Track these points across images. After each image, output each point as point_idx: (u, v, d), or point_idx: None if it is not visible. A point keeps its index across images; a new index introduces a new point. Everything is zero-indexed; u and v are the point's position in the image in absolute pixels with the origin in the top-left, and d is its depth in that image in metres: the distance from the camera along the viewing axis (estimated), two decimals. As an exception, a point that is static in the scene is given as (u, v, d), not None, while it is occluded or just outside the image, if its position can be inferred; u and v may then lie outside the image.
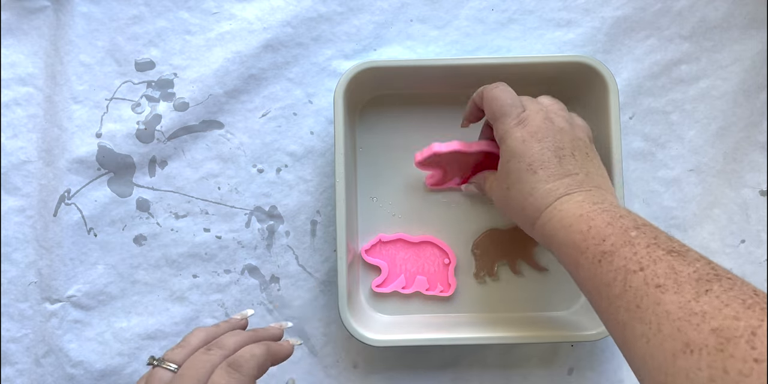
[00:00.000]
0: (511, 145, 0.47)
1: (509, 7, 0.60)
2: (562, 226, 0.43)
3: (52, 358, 0.58)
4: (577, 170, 0.46)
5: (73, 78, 0.59)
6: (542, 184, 0.45)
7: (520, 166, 0.46)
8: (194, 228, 0.59)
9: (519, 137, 0.47)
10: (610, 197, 0.45)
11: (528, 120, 0.47)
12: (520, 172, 0.46)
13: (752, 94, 0.60)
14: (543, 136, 0.47)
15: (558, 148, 0.46)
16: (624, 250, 0.38)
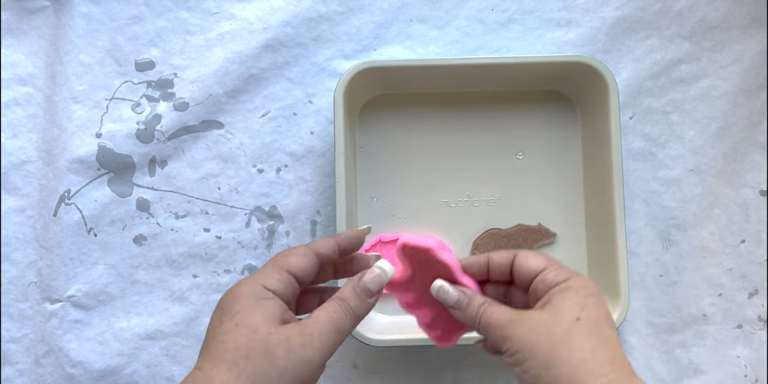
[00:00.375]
0: (588, 287, 0.40)
1: (509, 7, 0.60)
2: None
3: (52, 358, 0.58)
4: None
5: (73, 78, 0.59)
6: (606, 346, 0.38)
7: (600, 309, 0.39)
8: (194, 228, 0.59)
9: (590, 284, 0.40)
10: None
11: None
12: (599, 312, 0.39)
13: (752, 94, 0.60)
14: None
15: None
16: None
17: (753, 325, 0.59)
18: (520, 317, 0.38)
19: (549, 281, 0.39)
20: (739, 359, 0.58)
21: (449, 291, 0.41)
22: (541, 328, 0.37)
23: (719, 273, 0.59)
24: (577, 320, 0.37)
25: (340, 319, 0.39)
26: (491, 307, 0.40)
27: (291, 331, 0.38)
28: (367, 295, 0.40)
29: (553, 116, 0.60)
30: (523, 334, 0.37)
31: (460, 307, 0.41)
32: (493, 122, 0.60)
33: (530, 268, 0.41)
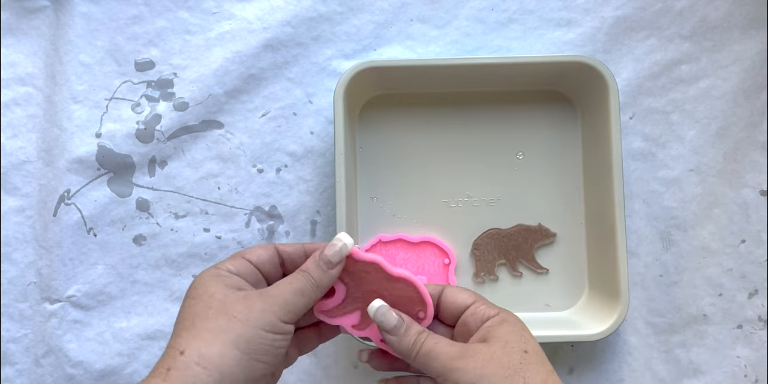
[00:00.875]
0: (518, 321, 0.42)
1: (509, 6, 0.60)
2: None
3: (52, 359, 0.58)
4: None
5: (73, 78, 0.59)
6: (553, 376, 0.40)
7: (536, 344, 0.41)
8: (194, 228, 0.59)
9: (520, 320, 0.42)
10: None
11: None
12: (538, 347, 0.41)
13: (752, 94, 0.59)
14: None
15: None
16: None
17: (753, 325, 0.59)
18: (469, 350, 0.39)
19: (481, 315, 0.41)
20: (739, 359, 0.58)
21: (387, 313, 0.40)
22: (494, 362, 0.38)
23: (719, 273, 0.59)
24: (525, 353, 0.39)
25: (301, 286, 0.39)
26: (432, 337, 0.40)
27: (250, 292, 0.38)
28: (328, 266, 0.40)
29: (553, 116, 0.60)
30: (477, 367, 0.38)
31: (397, 332, 0.40)
32: (493, 122, 0.59)
33: (458, 303, 0.42)
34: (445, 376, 0.38)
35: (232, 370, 0.35)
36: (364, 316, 0.43)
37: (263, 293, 0.38)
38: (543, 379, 0.38)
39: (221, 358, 0.35)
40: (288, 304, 0.38)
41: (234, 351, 0.36)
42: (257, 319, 0.37)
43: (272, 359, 0.37)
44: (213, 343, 0.36)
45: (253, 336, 0.36)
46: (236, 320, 0.36)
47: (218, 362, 0.35)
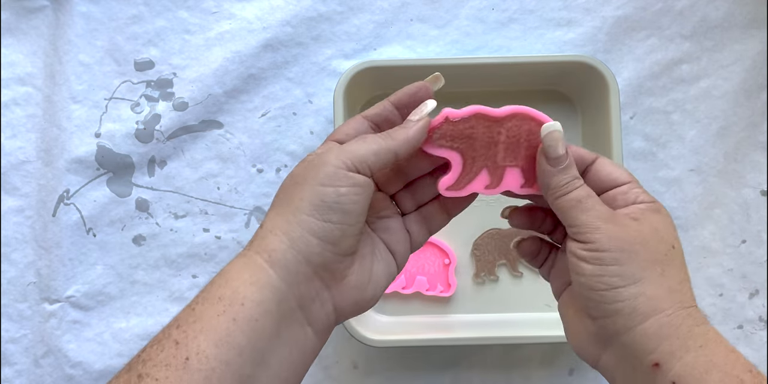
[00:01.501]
0: (669, 214, 0.37)
1: (510, 6, 0.60)
2: (724, 345, 0.34)
3: (51, 359, 0.57)
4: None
5: (72, 78, 0.59)
6: (688, 282, 0.36)
7: (680, 245, 0.37)
8: (194, 228, 0.59)
9: (672, 219, 0.38)
10: None
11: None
12: (681, 248, 0.37)
13: (753, 93, 0.59)
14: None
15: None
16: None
17: (754, 325, 0.58)
18: (620, 218, 0.35)
19: (634, 197, 0.37)
20: (739, 360, 0.58)
21: (559, 139, 0.36)
22: (640, 240, 0.34)
23: (720, 273, 0.59)
24: (672, 248, 0.35)
25: (375, 138, 0.36)
26: (587, 187, 0.36)
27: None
28: (410, 124, 0.37)
29: (553, 116, 0.58)
30: (622, 237, 0.34)
31: (559, 164, 0.36)
32: (494, 122, 0.59)
33: (614, 176, 0.37)
34: (585, 231, 0.35)
35: (299, 233, 0.34)
36: (493, 174, 0.39)
37: (322, 154, 0.36)
38: (680, 279, 0.35)
39: (288, 224, 0.34)
40: (348, 151, 0.35)
41: (299, 215, 0.34)
42: (314, 176, 0.35)
43: (342, 217, 0.34)
44: (282, 213, 0.35)
45: (313, 195, 0.34)
46: (298, 185, 0.35)
47: (286, 228, 0.34)
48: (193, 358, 0.31)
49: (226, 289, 0.33)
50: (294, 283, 0.34)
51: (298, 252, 0.34)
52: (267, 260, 0.34)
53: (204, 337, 0.32)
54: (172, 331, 0.32)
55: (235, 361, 0.32)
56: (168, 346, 0.32)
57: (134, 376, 0.31)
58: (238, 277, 0.34)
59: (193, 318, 0.33)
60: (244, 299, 0.33)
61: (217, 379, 0.31)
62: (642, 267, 0.34)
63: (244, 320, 0.32)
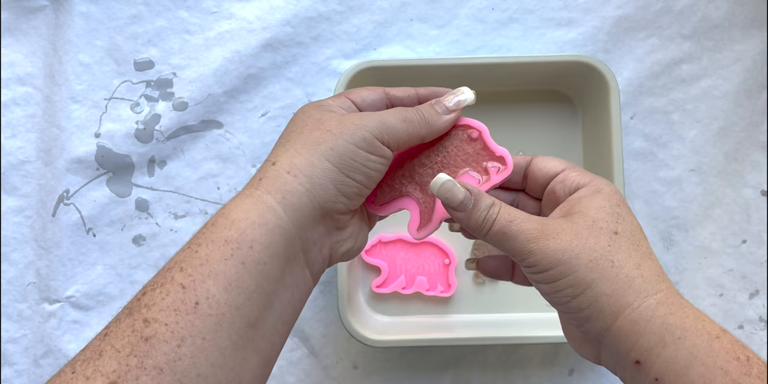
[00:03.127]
0: (618, 193, 0.36)
1: (510, 6, 0.60)
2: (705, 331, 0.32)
3: (51, 359, 0.57)
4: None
5: (72, 77, 0.59)
6: (649, 261, 0.34)
7: (633, 220, 0.35)
8: (193, 228, 0.59)
9: (616, 191, 0.37)
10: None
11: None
12: (633, 225, 0.35)
13: (753, 93, 0.59)
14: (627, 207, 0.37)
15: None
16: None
17: (754, 325, 0.58)
18: (548, 228, 0.34)
19: (570, 183, 0.37)
20: (740, 360, 0.58)
21: (453, 188, 0.35)
22: (576, 243, 0.33)
23: (720, 273, 0.59)
24: (615, 234, 0.34)
25: (408, 114, 0.37)
26: (506, 211, 0.35)
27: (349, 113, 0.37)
28: (442, 110, 0.37)
29: (553, 116, 0.59)
30: (556, 249, 0.33)
31: (465, 208, 0.35)
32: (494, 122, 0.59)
33: (547, 169, 0.37)
34: (522, 257, 0.34)
35: (321, 180, 0.34)
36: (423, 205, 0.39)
37: (363, 113, 0.37)
38: (636, 263, 0.33)
39: (312, 167, 0.34)
40: (387, 125, 0.36)
41: (324, 162, 0.34)
42: (351, 134, 0.35)
43: (364, 179, 0.35)
44: (303, 154, 0.35)
45: (345, 150, 0.35)
46: (329, 133, 0.35)
47: (309, 171, 0.34)
48: (203, 303, 0.31)
49: (233, 231, 0.32)
50: (303, 226, 0.34)
51: (314, 197, 0.34)
52: (280, 201, 0.33)
53: (213, 281, 0.31)
54: (175, 275, 0.32)
55: (245, 304, 0.32)
56: (174, 291, 0.31)
57: (139, 321, 0.30)
58: (245, 218, 0.33)
59: (198, 261, 0.32)
60: (252, 242, 0.32)
61: (228, 323, 0.31)
62: (589, 268, 0.33)
63: (253, 264, 0.32)
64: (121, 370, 0.29)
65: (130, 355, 0.29)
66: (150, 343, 0.30)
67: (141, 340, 0.30)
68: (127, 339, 0.30)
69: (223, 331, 0.31)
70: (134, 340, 0.30)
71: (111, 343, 0.30)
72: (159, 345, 0.30)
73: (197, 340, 0.30)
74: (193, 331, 0.30)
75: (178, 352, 0.30)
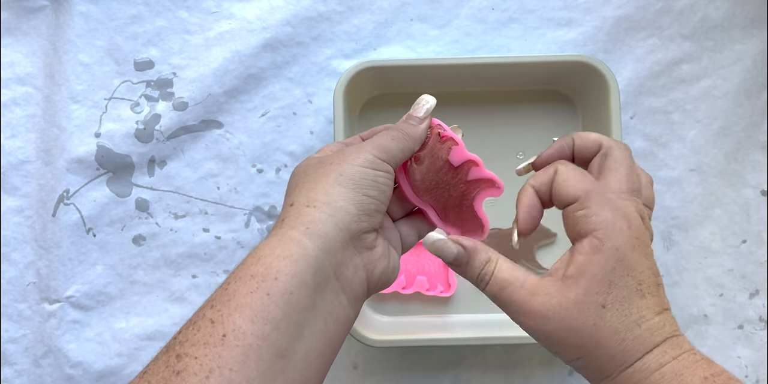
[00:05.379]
0: (621, 248, 0.35)
1: (510, 6, 0.60)
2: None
3: (51, 359, 0.57)
4: (668, 305, 0.36)
5: (72, 77, 0.59)
6: (650, 314, 0.35)
7: (628, 282, 0.35)
8: (193, 228, 0.59)
9: (625, 240, 0.35)
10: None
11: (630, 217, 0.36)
12: (627, 289, 0.35)
13: (753, 93, 0.59)
14: (647, 248, 0.36)
15: (655, 268, 0.36)
16: None
17: (754, 325, 0.58)
18: (537, 302, 0.36)
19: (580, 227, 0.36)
20: (740, 359, 0.58)
21: (444, 246, 0.38)
22: (564, 324, 0.35)
23: (720, 273, 0.59)
24: (602, 308, 0.35)
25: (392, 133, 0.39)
26: (501, 272, 0.37)
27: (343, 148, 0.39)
28: (416, 121, 0.40)
29: (553, 116, 0.59)
30: (545, 329, 0.35)
31: (459, 263, 0.38)
32: (494, 122, 0.59)
33: (563, 195, 0.37)
34: (514, 321, 0.37)
35: (340, 203, 0.36)
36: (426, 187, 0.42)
37: (354, 145, 0.39)
38: (621, 337, 0.34)
39: (328, 195, 0.36)
40: (381, 145, 0.38)
41: (338, 187, 0.36)
42: (354, 158, 0.37)
43: (378, 194, 0.37)
44: (316, 188, 0.36)
45: (352, 172, 0.37)
46: (333, 165, 0.37)
47: (326, 199, 0.36)
48: (230, 335, 0.31)
49: (259, 267, 0.33)
50: (331, 250, 0.35)
51: (338, 221, 0.35)
52: (304, 232, 0.34)
53: (239, 314, 0.32)
54: (206, 312, 0.33)
55: (272, 335, 0.32)
56: (204, 326, 0.32)
57: (173, 357, 0.31)
58: (270, 253, 0.34)
59: (226, 297, 0.33)
60: (277, 274, 0.33)
61: (255, 353, 0.31)
62: (575, 347, 0.35)
63: (279, 294, 0.33)
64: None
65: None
66: (181, 376, 0.30)
67: (173, 375, 0.31)
68: (161, 374, 0.31)
69: (251, 361, 0.31)
70: (167, 375, 0.31)
71: (148, 379, 0.31)
72: (189, 378, 0.30)
73: (225, 371, 0.31)
74: (221, 363, 0.31)
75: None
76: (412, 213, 0.43)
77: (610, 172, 0.37)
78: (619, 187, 0.37)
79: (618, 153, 0.38)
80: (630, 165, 0.38)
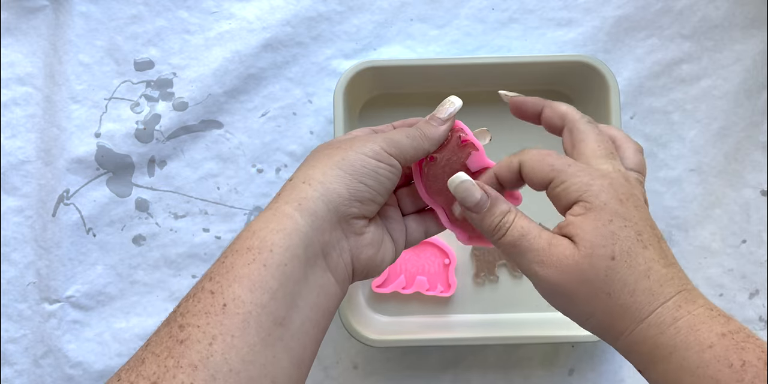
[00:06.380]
0: (610, 202, 0.35)
1: (510, 6, 0.60)
2: (697, 342, 0.33)
3: (51, 359, 0.57)
4: (674, 260, 0.36)
5: (72, 78, 0.59)
6: (658, 266, 0.34)
7: (629, 233, 0.35)
8: (193, 228, 0.59)
9: (610, 196, 0.35)
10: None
11: (609, 176, 0.37)
12: (629, 239, 0.35)
13: (753, 93, 0.59)
14: (637, 201, 0.36)
15: (651, 221, 0.36)
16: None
17: (754, 325, 0.58)
18: (555, 251, 0.35)
19: (565, 196, 0.36)
20: (740, 360, 0.58)
21: (471, 187, 0.37)
22: (576, 276, 0.35)
23: (720, 273, 0.59)
24: (612, 260, 0.34)
25: (409, 131, 0.40)
26: (520, 221, 0.37)
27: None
28: (438, 122, 0.41)
29: (553, 116, 0.59)
30: (558, 280, 0.35)
31: (480, 210, 0.37)
32: (494, 122, 0.59)
33: (538, 178, 0.37)
34: (526, 274, 0.37)
35: (334, 185, 0.37)
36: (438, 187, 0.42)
37: (368, 134, 0.40)
38: (631, 289, 0.34)
39: (324, 175, 0.37)
40: (394, 140, 0.39)
41: (336, 170, 0.37)
42: (360, 146, 0.38)
43: (375, 184, 0.38)
44: (317, 166, 0.38)
45: (354, 158, 0.37)
46: (340, 149, 0.38)
47: (322, 178, 0.37)
48: (230, 304, 0.33)
49: (254, 240, 0.35)
50: (320, 229, 0.36)
51: (328, 201, 0.36)
52: (297, 208, 0.36)
53: (238, 284, 0.33)
54: (205, 284, 0.34)
55: (269, 303, 0.33)
56: (204, 298, 0.33)
57: (175, 328, 0.32)
58: (264, 226, 0.35)
59: (224, 269, 0.34)
60: (272, 246, 0.34)
61: (255, 321, 0.33)
62: (587, 302, 0.35)
63: (274, 265, 0.34)
64: (160, 372, 0.31)
65: (168, 357, 0.31)
66: (185, 344, 0.32)
67: (177, 343, 0.32)
68: (164, 344, 0.32)
69: (251, 328, 0.32)
70: (171, 344, 0.32)
71: (151, 350, 0.32)
72: (192, 345, 0.32)
73: (227, 337, 0.32)
74: (223, 330, 0.32)
75: (210, 350, 0.31)
76: (423, 210, 0.44)
77: (579, 143, 0.38)
78: (590, 154, 0.37)
79: (581, 125, 0.39)
80: (596, 133, 0.39)
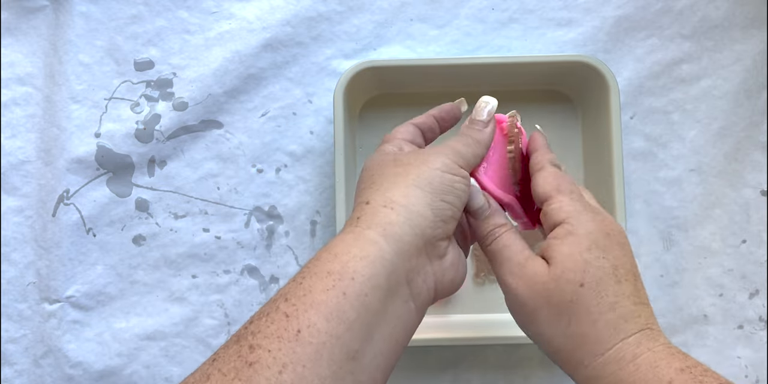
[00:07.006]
0: (594, 233, 0.37)
1: (510, 6, 0.60)
2: (656, 379, 0.34)
3: (51, 359, 0.57)
4: (647, 300, 0.37)
5: (72, 78, 0.59)
6: (627, 302, 0.36)
7: (604, 264, 0.36)
8: (193, 228, 0.59)
9: (596, 226, 0.37)
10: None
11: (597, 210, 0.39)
12: (603, 270, 0.36)
13: (753, 93, 0.59)
14: (621, 239, 0.38)
15: (632, 260, 0.38)
16: None
17: (754, 325, 0.58)
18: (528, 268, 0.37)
19: (551, 216, 0.38)
20: (740, 360, 0.58)
21: (476, 193, 0.39)
22: (543, 295, 0.36)
23: (720, 273, 0.59)
24: (580, 287, 0.35)
25: (463, 139, 0.40)
26: (508, 235, 0.39)
27: (417, 149, 0.40)
28: (481, 126, 0.40)
29: (553, 116, 0.59)
30: (526, 294, 0.36)
31: (478, 216, 0.39)
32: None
33: (539, 194, 0.39)
34: (499, 283, 0.38)
35: (417, 207, 0.35)
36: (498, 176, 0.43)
37: (429, 147, 0.40)
38: (594, 319, 0.35)
39: (406, 197, 0.36)
40: (457, 149, 0.38)
41: (416, 190, 0.36)
42: (431, 162, 0.37)
43: (455, 200, 0.37)
44: (393, 188, 0.36)
45: (431, 175, 0.36)
46: (410, 165, 0.37)
47: (404, 201, 0.35)
48: (305, 331, 0.31)
49: (335, 264, 0.33)
50: (406, 255, 0.35)
51: (414, 225, 0.35)
52: (381, 234, 0.34)
53: (315, 311, 0.32)
54: (280, 305, 0.32)
55: (345, 335, 0.32)
56: (278, 319, 0.32)
57: (245, 347, 0.31)
58: (347, 251, 0.34)
59: (302, 292, 0.33)
60: (354, 274, 0.33)
61: (328, 352, 0.31)
62: (548, 323, 0.36)
63: (354, 295, 0.32)
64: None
65: (235, 378, 0.30)
66: (254, 368, 0.30)
67: (245, 365, 0.30)
68: (233, 364, 0.31)
69: (323, 360, 0.31)
70: (239, 365, 0.31)
71: (218, 367, 0.31)
72: (262, 370, 0.30)
73: (298, 367, 0.30)
74: (294, 359, 0.31)
75: (279, 379, 0.30)
76: None
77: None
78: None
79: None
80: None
